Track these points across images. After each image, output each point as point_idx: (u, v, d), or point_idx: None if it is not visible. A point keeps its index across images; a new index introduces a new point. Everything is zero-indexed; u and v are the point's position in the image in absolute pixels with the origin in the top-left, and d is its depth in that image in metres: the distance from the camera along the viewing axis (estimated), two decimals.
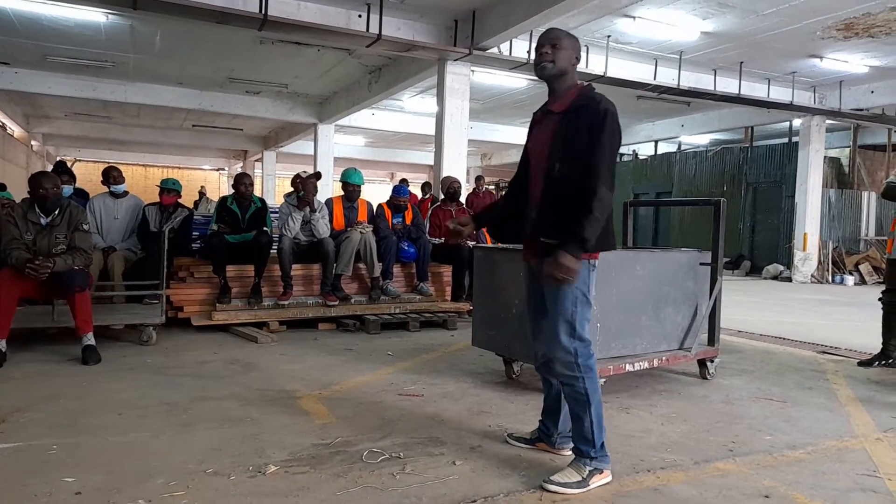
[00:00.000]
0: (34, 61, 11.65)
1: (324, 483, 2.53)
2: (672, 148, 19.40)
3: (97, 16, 9.01)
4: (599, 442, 2.58)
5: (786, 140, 15.72)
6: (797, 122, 14.36)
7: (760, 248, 15.54)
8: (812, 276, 13.67)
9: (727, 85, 11.34)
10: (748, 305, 9.11)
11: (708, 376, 4.43)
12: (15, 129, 17.25)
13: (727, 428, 3.40)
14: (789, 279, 13.76)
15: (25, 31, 9.79)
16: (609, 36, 9.45)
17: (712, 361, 4.46)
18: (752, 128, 16.24)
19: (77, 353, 4.46)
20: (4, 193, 5.86)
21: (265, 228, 6.13)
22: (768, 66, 11.09)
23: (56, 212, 4.50)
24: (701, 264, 4.38)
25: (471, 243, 6.93)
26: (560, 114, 2.64)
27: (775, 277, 14.20)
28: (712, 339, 4.46)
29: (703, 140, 18.82)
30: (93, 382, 3.94)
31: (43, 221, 4.47)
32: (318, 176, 6.47)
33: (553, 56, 2.64)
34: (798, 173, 13.85)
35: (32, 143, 19.77)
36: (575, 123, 2.56)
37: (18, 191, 9.46)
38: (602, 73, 9.71)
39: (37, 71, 12.27)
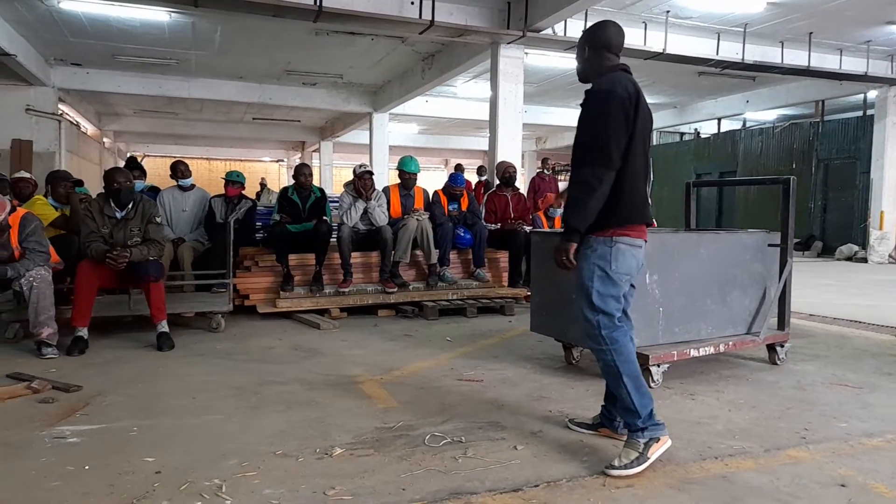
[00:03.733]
0: (104, 61, 12.20)
1: (388, 465, 2.58)
2: (736, 125, 18.66)
3: (161, 15, 9.34)
4: (645, 410, 2.56)
5: (860, 113, 14.89)
6: (872, 94, 13.55)
7: (833, 227, 14.83)
8: (889, 256, 12.95)
9: (795, 57, 10.79)
10: (820, 288, 8.73)
11: (778, 361, 4.27)
12: (88, 127, 18.12)
13: (799, 415, 3.28)
14: (864, 260, 13.08)
15: (95, 32, 10.25)
16: (668, 11, 9.14)
17: (782, 346, 4.30)
18: (823, 101, 15.43)
19: (152, 340, 4.68)
20: (81, 189, 6.17)
21: (325, 217, 6.26)
22: (840, 36, 10.48)
23: (130, 206, 4.72)
24: (769, 246, 4.22)
25: (527, 228, 6.89)
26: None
27: (849, 258, 13.53)
28: (782, 323, 4.31)
29: (769, 116, 18.00)
30: (167, 367, 4.14)
31: (118, 215, 4.69)
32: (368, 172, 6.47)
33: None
34: (874, 148, 13.10)
35: (104, 139, 20.74)
36: (581, 112, 2.65)
37: (93, 185, 9.95)
38: (661, 50, 9.42)
39: (107, 71, 12.85)
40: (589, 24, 8.63)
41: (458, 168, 10.64)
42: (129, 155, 19.65)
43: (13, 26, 9.81)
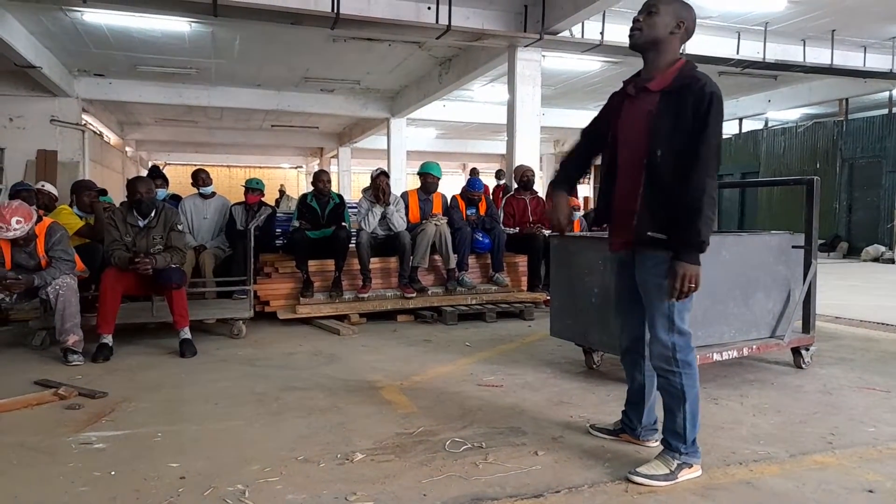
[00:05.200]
0: (126, 71, 12.40)
1: (409, 471, 2.58)
2: (758, 125, 18.43)
3: (181, 25, 9.48)
4: (691, 438, 2.50)
5: (885, 111, 14.62)
6: None
7: (859, 228, 14.56)
8: None
9: (818, 55, 10.63)
10: (846, 290, 8.57)
11: (803, 365, 4.21)
12: (111, 137, 18.42)
13: (825, 419, 3.22)
14: (892, 261, 12.82)
15: (118, 43, 10.43)
16: None
17: (807, 349, 4.23)
18: (847, 100, 15.18)
19: (175, 346, 4.74)
20: (105, 198, 6.28)
21: (343, 223, 6.29)
22: (864, 33, 10.32)
23: (152, 214, 4.79)
24: (793, 247, 4.16)
25: (546, 232, 6.87)
26: (658, 93, 2.44)
27: (876, 259, 13.26)
28: (807, 326, 4.24)
29: (792, 115, 17.74)
30: (190, 373, 4.19)
31: (141, 223, 4.76)
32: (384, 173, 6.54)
33: (643, 24, 2.48)
34: None
35: (127, 149, 21.06)
36: (677, 106, 2.38)
37: (116, 194, 10.11)
38: (681, 51, 9.32)
39: (128, 80, 13.06)
40: (607, 25, 8.67)
41: (474, 172, 10.65)
42: (151, 164, 19.93)
43: (38, 39, 10.02)
